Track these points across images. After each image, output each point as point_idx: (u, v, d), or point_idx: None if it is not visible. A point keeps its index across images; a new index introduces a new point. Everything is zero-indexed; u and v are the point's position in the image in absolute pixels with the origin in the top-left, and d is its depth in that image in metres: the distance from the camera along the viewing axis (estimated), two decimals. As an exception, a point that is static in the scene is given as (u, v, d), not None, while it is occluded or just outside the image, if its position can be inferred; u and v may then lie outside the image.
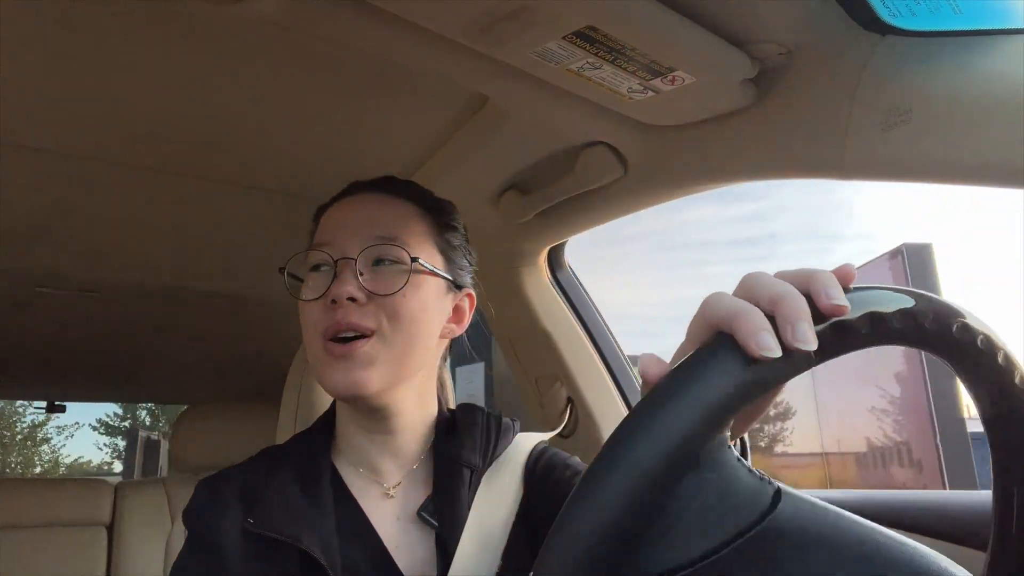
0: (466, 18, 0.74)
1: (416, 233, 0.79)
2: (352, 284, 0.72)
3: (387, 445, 0.79)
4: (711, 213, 6.33)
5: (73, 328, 2.06)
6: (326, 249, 0.76)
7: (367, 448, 0.79)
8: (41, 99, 0.98)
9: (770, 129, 0.88)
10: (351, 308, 0.72)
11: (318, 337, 0.73)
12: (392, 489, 0.78)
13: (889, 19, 0.73)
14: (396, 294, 0.74)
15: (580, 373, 1.46)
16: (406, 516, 0.77)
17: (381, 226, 0.77)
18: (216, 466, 2.31)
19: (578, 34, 0.73)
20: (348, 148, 1.17)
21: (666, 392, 0.38)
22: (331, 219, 0.80)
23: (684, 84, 0.82)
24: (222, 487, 0.76)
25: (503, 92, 0.94)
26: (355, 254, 0.74)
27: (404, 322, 0.74)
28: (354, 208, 0.80)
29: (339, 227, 0.78)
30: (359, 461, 0.80)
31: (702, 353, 0.38)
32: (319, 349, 0.74)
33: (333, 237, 0.77)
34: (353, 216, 0.79)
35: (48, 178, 1.19)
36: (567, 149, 1.11)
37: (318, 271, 0.76)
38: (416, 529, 0.76)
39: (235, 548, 0.69)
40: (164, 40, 0.86)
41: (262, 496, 0.73)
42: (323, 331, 0.73)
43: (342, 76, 0.96)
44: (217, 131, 1.09)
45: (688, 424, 0.36)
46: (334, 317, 0.72)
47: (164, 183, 1.24)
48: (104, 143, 1.10)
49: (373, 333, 0.73)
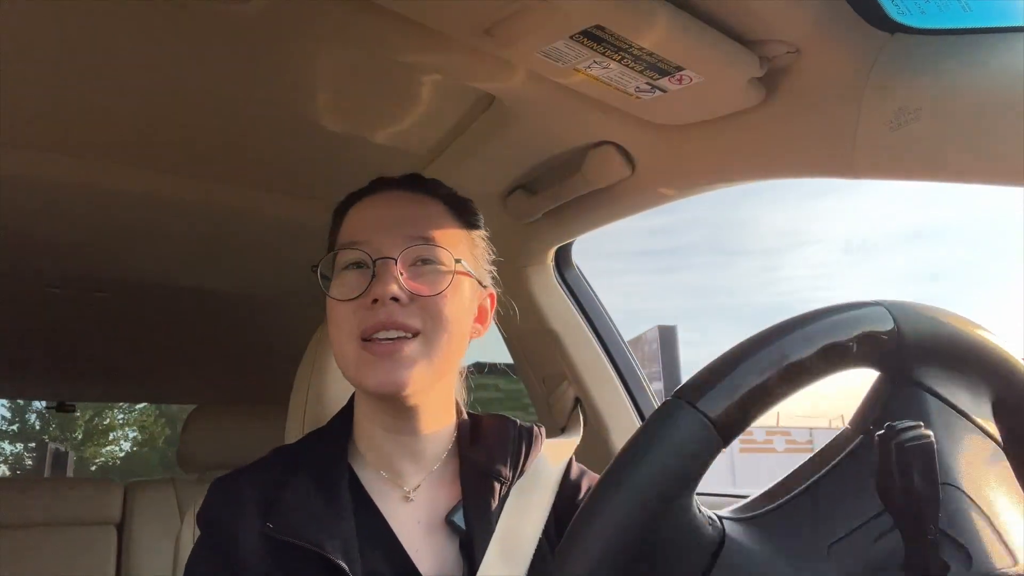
0: (473, 18, 0.74)
1: (449, 233, 0.79)
2: (395, 284, 0.72)
3: (409, 446, 0.78)
4: (624, 225, 6.39)
5: (83, 328, 2.07)
6: (363, 247, 0.75)
7: (389, 449, 0.78)
8: (50, 99, 0.98)
9: (778, 128, 0.88)
10: (395, 308, 0.72)
11: (354, 336, 0.73)
12: (412, 492, 0.78)
13: (898, 17, 0.72)
14: (439, 295, 0.74)
15: (588, 373, 1.46)
16: (428, 521, 0.76)
17: (418, 226, 0.76)
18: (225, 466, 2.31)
19: (585, 33, 0.73)
20: (356, 148, 1.17)
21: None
22: (362, 217, 0.79)
23: (692, 83, 0.82)
24: (238, 488, 0.75)
25: (510, 92, 0.94)
26: (395, 254, 0.73)
27: (445, 323, 0.74)
28: (388, 206, 0.79)
29: (374, 225, 0.77)
30: (379, 463, 0.79)
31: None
32: (355, 348, 0.73)
33: (369, 236, 0.75)
34: (388, 214, 0.78)
35: (57, 178, 1.20)
36: (574, 149, 1.11)
37: (354, 270, 0.75)
38: (439, 535, 0.76)
39: (253, 553, 0.69)
40: (175, 40, 0.87)
41: (280, 500, 0.72)
42: (362, 330, 0.72)
43: (349, 77, 0.96)
44: (225, 132, 1.10)
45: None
46: (376, 317, 0.71)
47: (174, 184, 1.25)
48: (115, 144, 1.11)
49: (418, 333, 0.73)
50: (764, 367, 0.43)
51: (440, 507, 0.77)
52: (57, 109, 1.01)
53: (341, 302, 0.74)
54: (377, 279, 0.72)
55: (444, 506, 0.77)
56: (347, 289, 0.74)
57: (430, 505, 0.77)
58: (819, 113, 0.82)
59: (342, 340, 0.74)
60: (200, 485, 2.09)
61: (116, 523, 1.97)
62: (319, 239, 1.61)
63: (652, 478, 0.42)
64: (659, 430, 0.43)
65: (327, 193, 1.18)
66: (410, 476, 0.78)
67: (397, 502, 0.77)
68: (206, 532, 0.74)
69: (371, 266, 0.73)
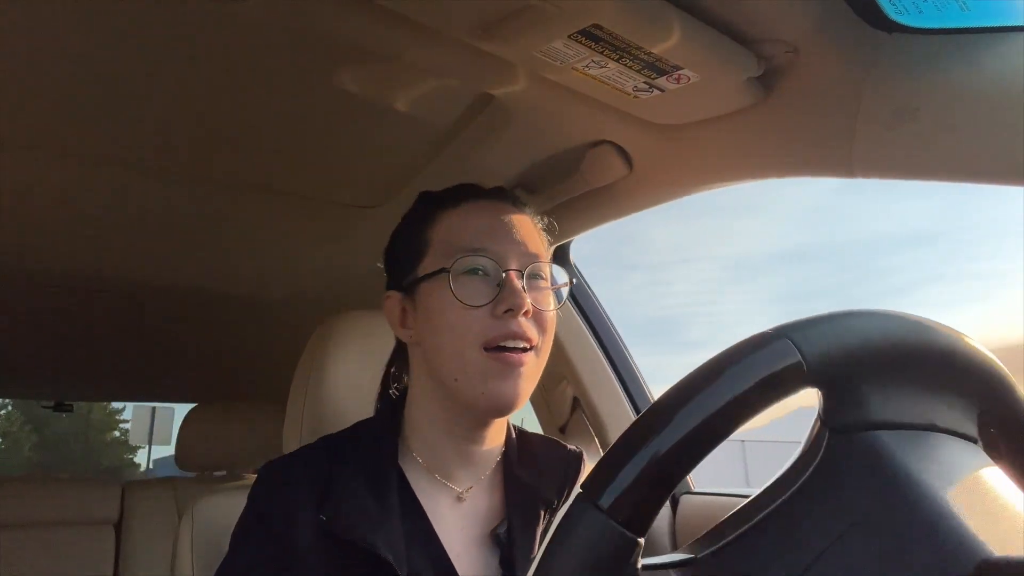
0: (472, 17, 0.74)
1: (545, 249, 0.81)
2: (526, 296, 0.73)
3: (468, 454, 0.80)
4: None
5: (82, 328, 2.06)
6: (489, 255, 0.75)
7: (448, 454, 0.79)
8: (50, 101, 0.98)
9: (776, 128, 0.88)
10: (523, 320, 0.73)
11: (477, 344, 0.73)
12: (465, 493, 0.79)
13: (896, 17, 0.72)
14: (553, 312, 0.77)
15: (586, 373, 1.46)
16: (472, 530, 0.77)
17: (530, 241, 0.78)
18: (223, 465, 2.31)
19: (583, 33, 0.73)
20: (354, 148, 1.17)
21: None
22: (477, 224, 0.78)
23: (690, 83, 0.82)
24: (292, 474, 0.76)
25: (508, 91, 0.94)
26: (521, 267, 0.75)
27: (550, 337, 0.77)
28: (498, 216, 0.79)
29: (495, 234, 0.77)
30: (436, 467, 0.79)
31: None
32: (479, 356, 0.73)
33: (492, 245, 0.76)
34: (504, 225, 0.78)
35: (57, 179, 1.20)
36: (572, 148, 1.11)
37: (476, 276, 0.75)
38: (482, 546, 0.77)
39: (307, 540, 0.70)
40: (174, 41, 0.87)
41: (332, 492, 0.73)
42: (487, 339, 0.72)
43: (347, 76, 0.96)
44: (222, 132, 1.10)
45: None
46: (507, 327, 0.72)
47: (173, 184, 1.25)
48: (113, 144, 1.11)
49: (535, 347, 0.75)
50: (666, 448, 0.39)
51: (484, 517, 0.78)
52: (57, 110, 1.01)
53: (465, 308, 0.73)
54: (510, 290, 0.73)
55: (488, 517, 0.78)
56: (473, 295, 0.73)
57: (476, 512, 0.79)
58: (817, 113, 0.83)
59: (463, 347, 0.73)
60: (198, 484, 2.09)
61: (114, 523, 1.97)
62: (319, 239, 1.61)
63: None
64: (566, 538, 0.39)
65: (323, 193, 1.18)
66: (462, 480, 0.80)
67: (446, 506, 0.78)
68: (257, 511, 0.75)
69: (499, 276, 0.74)
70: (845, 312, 0.43)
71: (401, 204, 0.87)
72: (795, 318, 0.43)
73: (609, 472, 0.39)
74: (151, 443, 10.55)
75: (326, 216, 1.39)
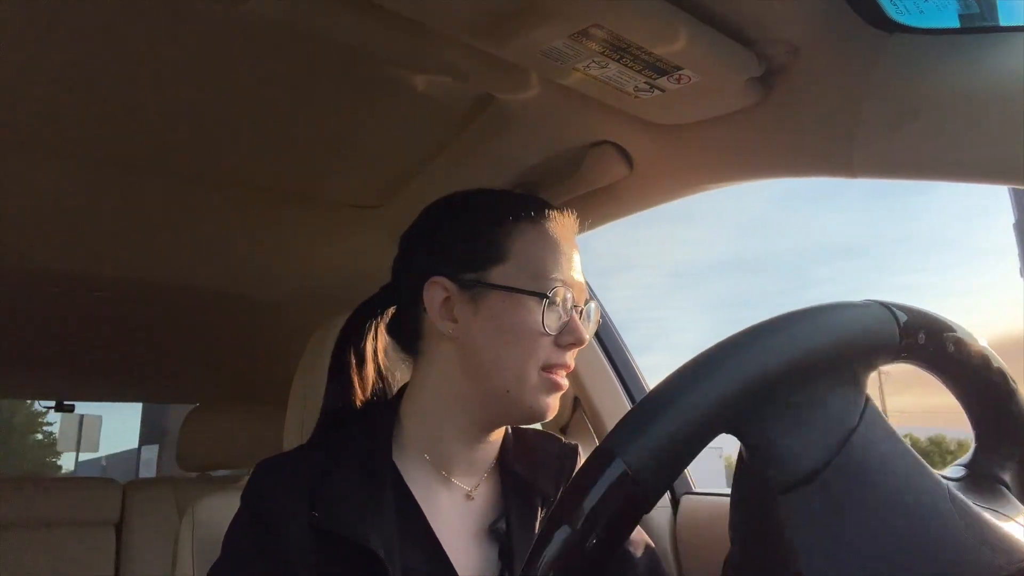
0: (472, 17, 0.74)
1: None
2: (585, 332, 0.81)
3: (477, 453, 0.82)
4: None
5: (82, 328, 2.07)
6: (571, 288, 0.80)
7: (460, 454, 0.81)
8: (49, 100, 0.98)
9: (777, 128, 0.88)
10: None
11: (538, 366, 0.78)
12: (474, 490, 0.81)
13: (897, 17, 0.72)
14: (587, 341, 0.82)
15: (586, 373, 1.46)
16: (470, 525, 0.78)
17: (582, 274, 0.84)
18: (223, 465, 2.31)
19: (584, 33, 0.73)
20: (354, 148, 1.17)
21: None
22: (563, 250, 0.82)
23: (691, 83, 0.82)
24: (286, 473, 0.77)
25: (509, 91, 0.94)
26: (583, 304, 0.82)
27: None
28: (571, 242, 0.84)
29: (575, 268, 0.82)
30: (443, 464, 0.80)
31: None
32: (537, 375, 0.78)
33: (573, 278, 0.81)
34: (577, 257, 0.84)
35: (56, 178, 1.20)
36: (573, 148, 1.11)
37: (555, 303, 0.78)
38: (479, 541, 0.77)
39: (299, 539, 0.70)
40: (173, 41, 0.86)
41: (325, 489, 0.74)
42: (548, 364, 0.78)
43: (347, 76, 0.96)
44: (223, 132, 1.10)
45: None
46: (564, 357, 0.79)
47: (173, 184, 1.25)
48: (114, 144, 1.11)
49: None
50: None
51: (483, 512, 0.80)
52: (56, 110, 1.00)
53: (539, 333, 0.77)
54: (576, 326, 0.79)
55: (486, 512, 0.80)
56: (552, 324, 0.78)
57: (476, 508, 0.80)
58: (817, 113, 0.82)
59: (526, 366, 0.77)
60: (199, 484, 2.09)
61: (115, 523, 1.97)
62: (319, 239, 1.61)
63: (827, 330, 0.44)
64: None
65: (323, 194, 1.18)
66: (467, 478, 0.81)
67: (447, 503, 0.79)
68: (251, 510, 0.75)
69: (571, 310, 0.80)
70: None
71: (401, 204, 0.87)
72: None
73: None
74: (79, 450, 10.61)
75: (326, 216, 1.39)
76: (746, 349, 0.43)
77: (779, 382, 0.43)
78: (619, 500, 0.41)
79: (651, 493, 0.42)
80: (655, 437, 0.41)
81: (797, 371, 0.43)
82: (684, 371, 0.44)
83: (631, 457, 0.41)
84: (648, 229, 47.24)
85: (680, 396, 0.42)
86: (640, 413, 0.43)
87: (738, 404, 0.43)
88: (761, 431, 0.44)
